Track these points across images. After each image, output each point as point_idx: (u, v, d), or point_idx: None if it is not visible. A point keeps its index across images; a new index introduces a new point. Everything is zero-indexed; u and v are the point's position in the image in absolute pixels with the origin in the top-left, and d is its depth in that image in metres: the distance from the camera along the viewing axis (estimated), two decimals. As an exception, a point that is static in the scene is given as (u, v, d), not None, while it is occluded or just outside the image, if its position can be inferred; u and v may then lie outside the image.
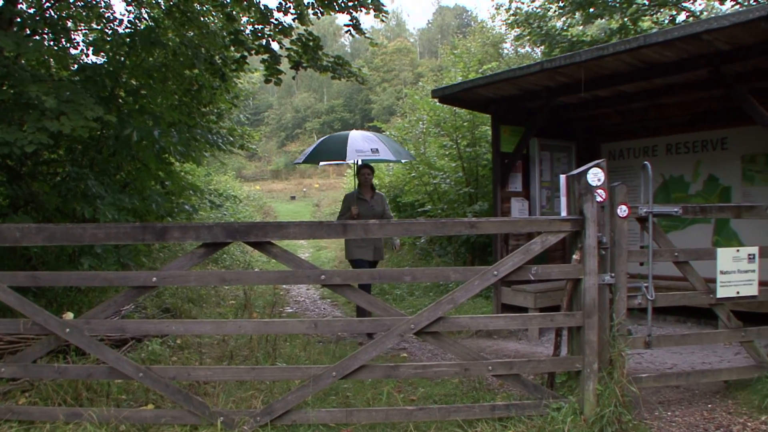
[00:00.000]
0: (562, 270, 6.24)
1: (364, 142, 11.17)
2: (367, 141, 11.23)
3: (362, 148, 11.00)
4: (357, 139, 11.27)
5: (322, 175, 71.70)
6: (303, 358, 8.81)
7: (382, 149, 11.14)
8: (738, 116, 9.43)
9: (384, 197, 11.76)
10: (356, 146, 10.95)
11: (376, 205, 11.26)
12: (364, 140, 11.28)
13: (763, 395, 6.53)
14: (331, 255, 24.93)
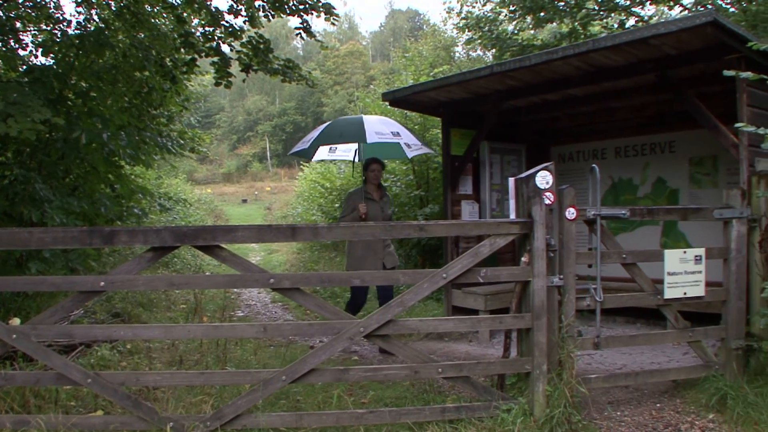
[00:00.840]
0: (511, 272, 6.28)
1: (382, 125, 9.74)
2: (385, 124, 9.86)
3: (381, 130, 9.55)
4: (373, 121, 9.82)
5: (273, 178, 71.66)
6: (254, 362, 8.79)
7: (404, 133, 9.82)
8: (685, 120, 9.54)
9: (390, 197, 10.75)
10: (375, 128, 9.53)
11: (385, 206, 10.19)
12: (382, 123, 9.87)
13: (710, 394, 6.60)
14: (283, 258, 24.85)
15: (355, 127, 9.59)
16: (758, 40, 7.16)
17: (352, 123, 9.87)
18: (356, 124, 9.66)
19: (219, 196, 57.07)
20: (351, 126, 9.78)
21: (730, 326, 6.97)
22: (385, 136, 9.37)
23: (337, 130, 9.92)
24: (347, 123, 10.08)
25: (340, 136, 9.82)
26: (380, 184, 10.35)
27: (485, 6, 23.03)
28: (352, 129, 9.66)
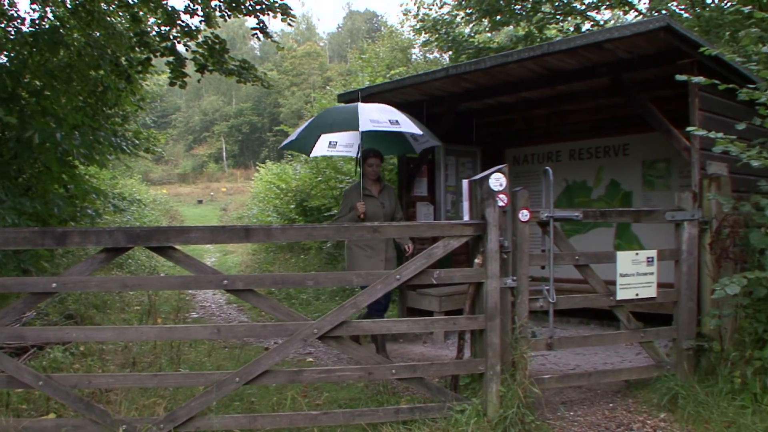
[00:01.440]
0: (464, 274, 6.31)
1: (378, 113, 8.69)
2: (383, 111, 8.78)
3: (378, 118, 8.52)
4: (369, 108, 8.76)
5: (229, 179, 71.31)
6: (208, 364, 8.74)
7: (403, 121, 8.63)
8: (639, 123, 9.61)
9: (393, 191, 9.68)
10: (370, 115, 8.51)
11: (386, 201, 9.26)
12: (379, 110, 8.79)
13: (662, 394, 6.68)
14: (238, 259, 24.75)
15: (348, 114, 8.73)
16: (711, 46, 7.26)
17: (345, 110, 9.03)
18: (350, 110, 8.78)
19: (174, 197, 56.58)
20: (344, 113, 8.94)
21: (681, 327, 7.05)
22: (381, 124, 8.45)
23: (329, 117, 9.13)
24: (340, 110, 9.25)
25: (332, 124, 8.98)
26: (380, 178, 9.47)
27: (442, 8, 23.12)
28: (345, 116, 8.82)
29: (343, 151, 10.27)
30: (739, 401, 6.11)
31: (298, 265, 18.81)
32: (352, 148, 10.15)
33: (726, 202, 6.84)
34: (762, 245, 6.46)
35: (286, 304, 11.28)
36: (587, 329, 10.72)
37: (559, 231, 6.73)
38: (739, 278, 6.11)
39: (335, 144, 10.08)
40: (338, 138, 9.98)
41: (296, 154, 24.27)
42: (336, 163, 18.03)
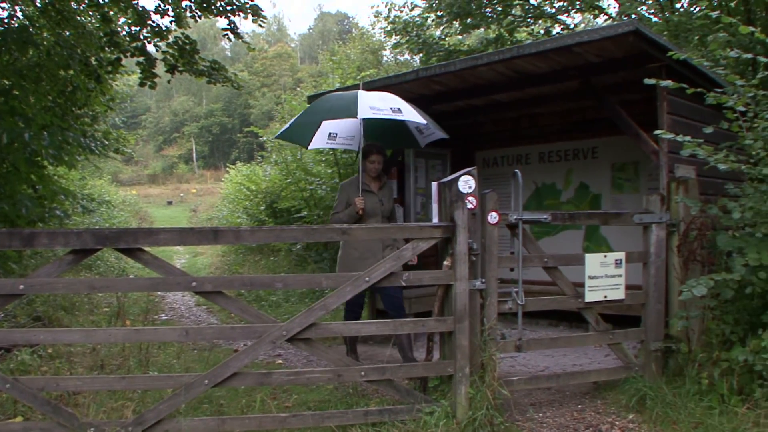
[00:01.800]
0: (433, 276, 6.30)
1: (379, 100, 8.11)
2: (384, 99, 8.19)
3: (378, 105, 7.94)
4: (370, 95, 8.20)
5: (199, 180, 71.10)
6: (176, 366, 8.69)
7: (406, 110, 8.07)
8: (608, 126, 9.66)
9: (392, 189, 9.51)
10: (370, 102, 7.94)
11: (385, 199, 8.75)
12: (380, 98, 8.21)
13: (630, 395, 6.71)
14: (207, 261, 24.67)
15: (347, 101, 8.16)
16: (679, 50, 7.31)
17: (344, 96, 8.42)
18: (349, 97, 8.22)
19: (144, 198, 56.33)
20: (342, 99, 8.34)
21: (649, 328, 7.09)
22: (382, 111, 7.85)
23: (326, 103, 8.62)
24: (339, 96, 8.64)
25: (329, 111, 8.44)
26: (380, 175, 8.90)
27: (413, 11, 23.19)
28: (343, 102, 8.24)
29: (343, 143, 9.73)
30: (706, 402, 6.14)
31: (267, 266, 18.77)
32: (353, 141, 9.60)
33: (693, 205, 6.89)
34: (729, 247, 6.50)
35: (255, 306, 11.24)
36: (556, 331, 10.76)
37: (527, 233, 6.76)
38: (706, 280, 6.16)
39: (335, 136, 9.57)
40: (338, 129, 9.46)
41: (266, 155, 24.25)
42: (306, 165, 18.00)
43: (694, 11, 14.71)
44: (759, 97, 6.67)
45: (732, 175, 7.28)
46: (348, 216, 8.39)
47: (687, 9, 15.70)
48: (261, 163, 26.01)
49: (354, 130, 9.26)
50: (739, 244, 6.38)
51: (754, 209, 6.36)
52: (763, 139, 6.54)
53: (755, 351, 5.91)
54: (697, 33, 13.99)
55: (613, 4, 20.48)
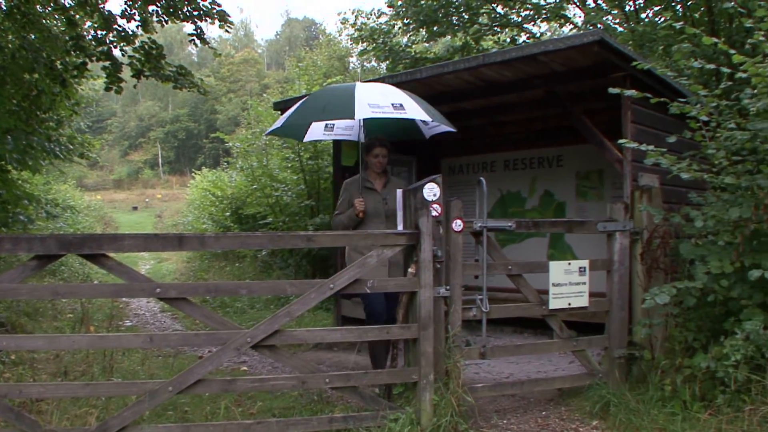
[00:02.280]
0: (398, 283, 6.33)
1: (379, 95, 7.39)
2: (385, 94, 7.49)
3: (378, 102, 7.23)
4: (368, 90, 7.48)
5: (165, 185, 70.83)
6: (141, 372, 8.65)
7: (409, 105, 7.32)
8: (573, 135, 9.69)
9: (402, 184, 8.24)
10: (369, 98, 7.25)
11: (390, 198, 7.84)
12: (380, 93, 7.51)
13: (594, 402, 6.74)
14: (173, 267, 24.61)
15: (343, 97, 7.46)
16: (644, 60, 7.38)
17: (340, 92, 7.77)
18: (346, 93, 7.49)
19: (109, 203, 56.12)
20: (339, 95, 7.67)
21: (613, 336, 7.13)
22: (383, 109, 7.17)
23: (322, 100, 7.90)
24: (335, 91, 8.11)
25: (324, 109, 7.67)
26: (386, 170, 8.24)
27: (380, 18, 23.20)
28: (340, 99, 7.53)
29: (342, 134, 9.00)
30: (669, 408, 6.18)
31: (232, 273, 18.76)
32: (352, 131, 8.89)
33: (657, 214, 6.95)
34: (691, 256, 6.56)
35: (220, 313, 11.22)
36: (521, 338, 10.78)
37: (492, 241, 6.78)
38: (669, 288, 6.21)
39: (332, 126, 8.89)
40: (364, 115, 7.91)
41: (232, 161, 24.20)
42: (272, 171, 17.99)
43: (659, 21, 14.80)
44: (722, 107, 6.74)
45: (695, 184, 7.35)
46: (348, 218, 7.83)
47: (652, 19, 15.80)
48: (227, 169, 26.00)
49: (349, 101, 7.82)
50: (701, 252, 6.44)
51: (716, 218, 6.42)
52: (726, 149, 6.62)
53: (717, 358, 5.95)
54: (661, 43, 14.09)
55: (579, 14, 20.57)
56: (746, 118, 6.79)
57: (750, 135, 6.48)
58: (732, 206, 6.29)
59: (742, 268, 6.01)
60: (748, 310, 5.97)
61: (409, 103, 7.33)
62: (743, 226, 6.28)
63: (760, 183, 6.19)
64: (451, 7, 20.09)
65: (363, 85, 7.55)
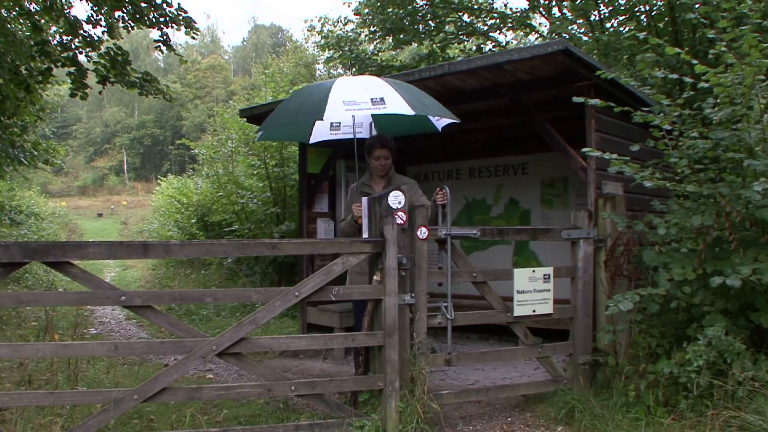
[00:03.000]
0: (363, 291, 6.33)
1: (357, 91, 6.68)
2: (367, 87, 6.79)
3: (354, 98, 6.54)
4: (348, 86, 6.84)
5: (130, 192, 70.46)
6: (106, 381, 8.59)
7: (392, 98, 6.54)
8: (538, 143, 9.70)
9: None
10: (345, 95, 6.57)
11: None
12: (362, 86, 6.82)
13: (559, 407, 6.78)
14: (138, 274, 24.42)
15: (318, 96, 6.78)
16: (608, 69, 7.45)
17: (318, 90, 6.99)
18: (322, 91, 6.81)
19: (74, 210, 55.74)
20: (315, 94, 6.95)
21: (577, 342, 7.18)
22: (359, 105, 6.51)
23: (298, 100, 7.15)
24: (313, 90, 7.26)
25: (298, 110, 6.89)
26: (388, 173, 7.69)
27: (346, 26, 23.27)
28: (314, 98, 6.82)
29: (350, 132, 7.87)
30: (633, 414, 6.23)
31: (198, 280, 18.67)
32: (361, 128, 8.22)
33: (620, 221, 7.00)
34: (654, 263, 6.62)
35: (186, 321, 11.18)
36: (486, 345, 10.81)
37: (457, 248, 6.80)
38: (632, 295, 6.27)
39: (338, 125, 8.24)
40: (341, 117, 7.90)
41: (198, 167, 24.10)
42: (238, 178, 17.96)
43: (624, 31, 14.94)
44: (684, 117, 6.82)
45: (659, 192, 7.41)
46: (348, 225, 7.35)
47: (617, 29, 15.93)
48: (192, 176, 25.88)
49: (361, 115, 7.83)
50: (664, 259, 6.50)
51: (678, 225, 6.48)
52: (688, 157, 6.70)
53: (680, 363, 6.01)
54: (626, 53, 14.22)
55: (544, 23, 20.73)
56: (708, 127, 6.89)
57: (712, 144, 6.57)
58: (694, 214, 6.37)
59: (705, 274, 6.08)
60: (710, 316, 6.03)
61: (392, 97, 6.60)
62: (705, 233, 6.35)
63: (721, 191, 6.26)
64: (418, 15, 20.21)
65: (344, 81, 7.04)
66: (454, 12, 20.45)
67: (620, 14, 16.00)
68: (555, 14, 19.19)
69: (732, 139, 6.39)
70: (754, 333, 6.11)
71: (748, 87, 6.26)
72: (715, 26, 6.71)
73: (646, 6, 14.77)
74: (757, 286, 5.90)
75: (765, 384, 5.41)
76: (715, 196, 6.36)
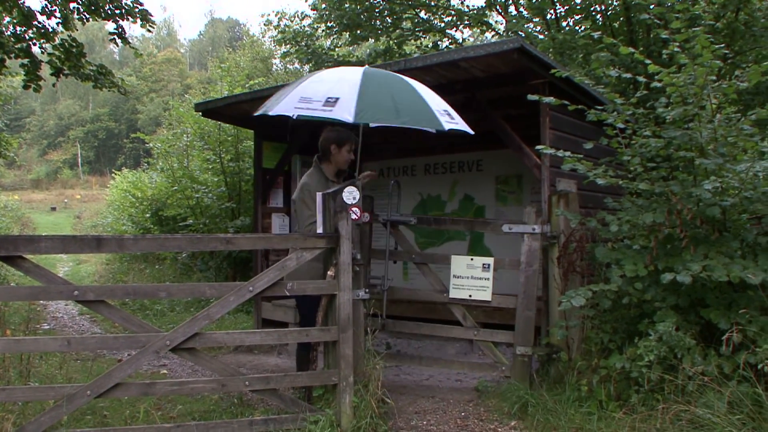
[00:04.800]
0: (317, 286, 6.32)
1: (329, 85, 6.33)
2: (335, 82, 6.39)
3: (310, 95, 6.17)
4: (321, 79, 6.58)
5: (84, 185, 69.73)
6: (59, 377, 8.51)
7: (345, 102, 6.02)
8: (492, 140, 9.73)
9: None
10: (306, 90, 6.26)
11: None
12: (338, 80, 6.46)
13: (512, 402, 6.84)
14: (92, 269, 24.19)
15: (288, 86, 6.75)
16: (563, 68, 7.51)
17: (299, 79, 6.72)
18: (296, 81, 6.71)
19: (27, 203, 54.90)
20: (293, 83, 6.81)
21: (518, 334, 7.30)
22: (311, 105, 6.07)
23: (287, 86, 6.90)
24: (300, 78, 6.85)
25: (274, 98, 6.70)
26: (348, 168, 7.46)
27: (303, 21, 23.22)
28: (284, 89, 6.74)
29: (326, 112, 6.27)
30: (585, 408, 6.28)
31: (152, 275, 18.55)
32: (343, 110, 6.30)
33: (573, 218, 7.06)
34: (607, 259, 6.68)
35: (140, 316, 11.11)
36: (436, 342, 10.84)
37: (400, 233, 6.90)
38: (584, 291, 6.32)
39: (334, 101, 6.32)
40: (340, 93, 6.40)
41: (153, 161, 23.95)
42: (193, 173, 17.87)
43: (579, 30, 15.04)
44: (637, 115, 6.90)
45: (612, 189, 7.49)
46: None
47: (572, 28, 16.03)
48: (147, 170, 25.70)
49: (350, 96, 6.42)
50: (616, 255, 6.56)
51: (631, 222, 6.55)
52: (641, 155, 6.77)
53: (632, 358, 6.07)
54: (581, 51, 14.32)
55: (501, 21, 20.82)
56: (661, 126, 6.97)
57: (664, 143, 6.65)
58: (646, 211, 6.44)
59: (656, 271, 6.15)
60: (662, 312, 6.10)
61: (348, 97, 6.05)
62: (657, 230, 6.44)
63: (673, 189, 6.34)
64: (375, 11, 20.20)
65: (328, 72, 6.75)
66: (411, 8, 20.49)
67: (576, 13, 16.11)
68: (511, 12, 19.27)
69: (684, 138, 6.47)
70: (704, 329, 6.18)
71: (700, 87, 6.34)
72: (669, 27, 6.77)
73: (601, 6, 14.90)
74: (707, 283, 6.00)
75: (714, 378, 5.48)
76: (667, 194, 6.44)
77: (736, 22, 12.96)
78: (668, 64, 6.93)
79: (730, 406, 5.25)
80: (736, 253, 5.93)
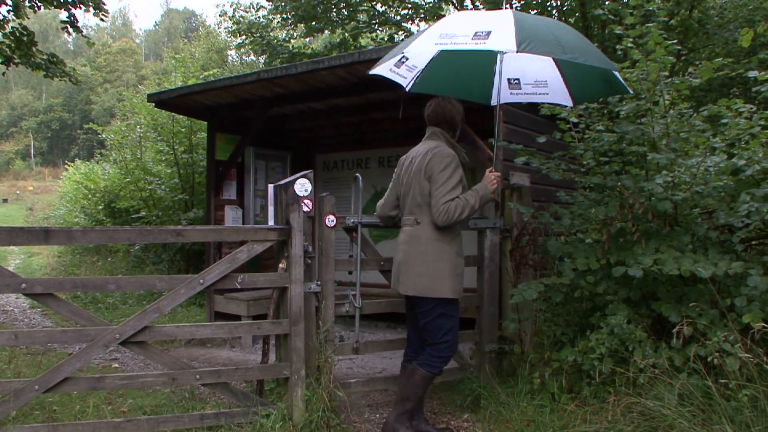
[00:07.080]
0: (268, 278, 6.28)
1: (461, 21, 5.81)
2: (471, 19, 5.92)
3: (453, 30, 5.55)
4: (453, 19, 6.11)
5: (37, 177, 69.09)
6: (8, 371, 8.41)
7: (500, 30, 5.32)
8: (447, 132, 9.80)
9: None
10: (443, 27, 5.70)
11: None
12: (470, 19, 5.99)
13: (465, 395, 6.87)
14: (43, 262, 23.94)
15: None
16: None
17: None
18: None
19: (-23, 195, 54.53)
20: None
21: (484, 331, 7.23)
22: (456, 40, 5.44)
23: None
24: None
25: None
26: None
27: (258, 12, 23.13)
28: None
29: (532, 93, 6.61)
30: (538, 401, 6.30)
31: (104, 268, 18.39)
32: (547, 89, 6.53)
33: (526, 212, 7.07)
34: (559, 253, 6.70)
35: (91, 309, 11.01)
36: (394, 333, 10.84)
37: (366, 237, 6.82)
38: (537, 284, 6.35)
39: (517, 82, 6.59)
40: (521, 74, 6.52)
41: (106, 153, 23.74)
42: (146, 164, 17.75)
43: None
44: (591, 110, 6.95)
45: (565, 183, 7.53)
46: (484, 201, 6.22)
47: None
48: (100, 161, 25.46)
49: (546, 72, 6.43)
50: (568, 249, 6.59)
51: (583, 216, 6.60)
52: (594, 150, 6.80)
53: (583, 351, 6.11)
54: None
55: (456, 14, 20.89)
56: (614, 120, 7.00)
57: (617, 137, 6.69)
58: (598, 205, 6.49)
59: (608, 264, 6.18)
60: (613, 305, 6.14)
61: (503, 30, 5.29)
62: (609, 224, 6.49)
63: (625, 183, 6.39)
64: (331, 3, 20.16)
65: (464, 13, 6.31)
66: (367, 1, 20.48)
67: (532, 8, 16.15)
68: (467, 6, 19.32)
69: (636, 132, 6.51)
70: (656, 321, 6.23)
71: (653, 83, 6.39)
72: (623, 23, 6.80)
73: (557, 1, 14.96)
74: (658, 276, 6.05)
75: (665, 371, 5.52)
76: (619, 189, 6.49)
77: (690, 19, 13.11)
78: (622, 59, 6.97)
79: (680, 398, 5.28)
80: (687, 247, 5.97)
